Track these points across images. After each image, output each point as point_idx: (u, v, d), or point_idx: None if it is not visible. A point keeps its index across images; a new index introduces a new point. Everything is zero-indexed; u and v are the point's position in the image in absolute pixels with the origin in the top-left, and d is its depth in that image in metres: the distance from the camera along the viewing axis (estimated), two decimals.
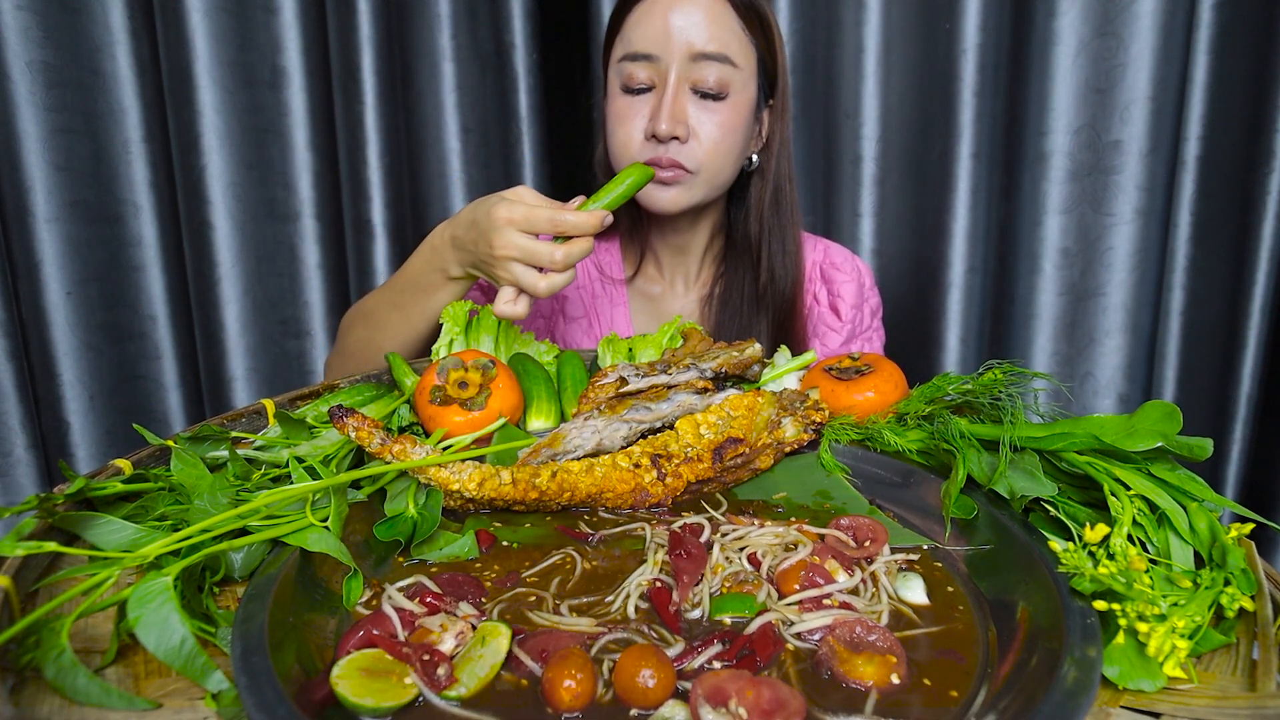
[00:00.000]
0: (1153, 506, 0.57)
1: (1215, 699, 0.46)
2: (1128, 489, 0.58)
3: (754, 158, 1.16)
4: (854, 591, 0.57)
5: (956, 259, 1.58)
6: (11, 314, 1.50)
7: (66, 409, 1.62)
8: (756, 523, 0.65)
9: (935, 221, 1.58)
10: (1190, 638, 0.49)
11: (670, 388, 0.82)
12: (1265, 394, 1.61)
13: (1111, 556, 0.53)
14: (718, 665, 0.49)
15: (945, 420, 0.70)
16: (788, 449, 0.76)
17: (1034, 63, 1.52)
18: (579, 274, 1.25)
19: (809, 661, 0.50)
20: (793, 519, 0.67)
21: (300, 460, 0.66)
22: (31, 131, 1.49)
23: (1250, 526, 0.55)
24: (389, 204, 1.59)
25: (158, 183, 1.65)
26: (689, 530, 0.63)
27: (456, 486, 0.65)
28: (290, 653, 0.48)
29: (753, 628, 0.52)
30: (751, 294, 1.19)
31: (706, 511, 0.68)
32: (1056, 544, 0.55)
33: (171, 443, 0.70)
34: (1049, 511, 0.62)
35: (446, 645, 0.50)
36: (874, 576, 0.58)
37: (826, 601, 0.55)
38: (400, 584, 0.57)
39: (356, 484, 0.67)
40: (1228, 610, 0.51)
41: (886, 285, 1.66)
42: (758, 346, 0.90)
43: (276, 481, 0.67)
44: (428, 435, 0.80)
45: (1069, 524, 0.59)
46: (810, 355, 0.89)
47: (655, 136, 1.04)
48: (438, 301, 1.00)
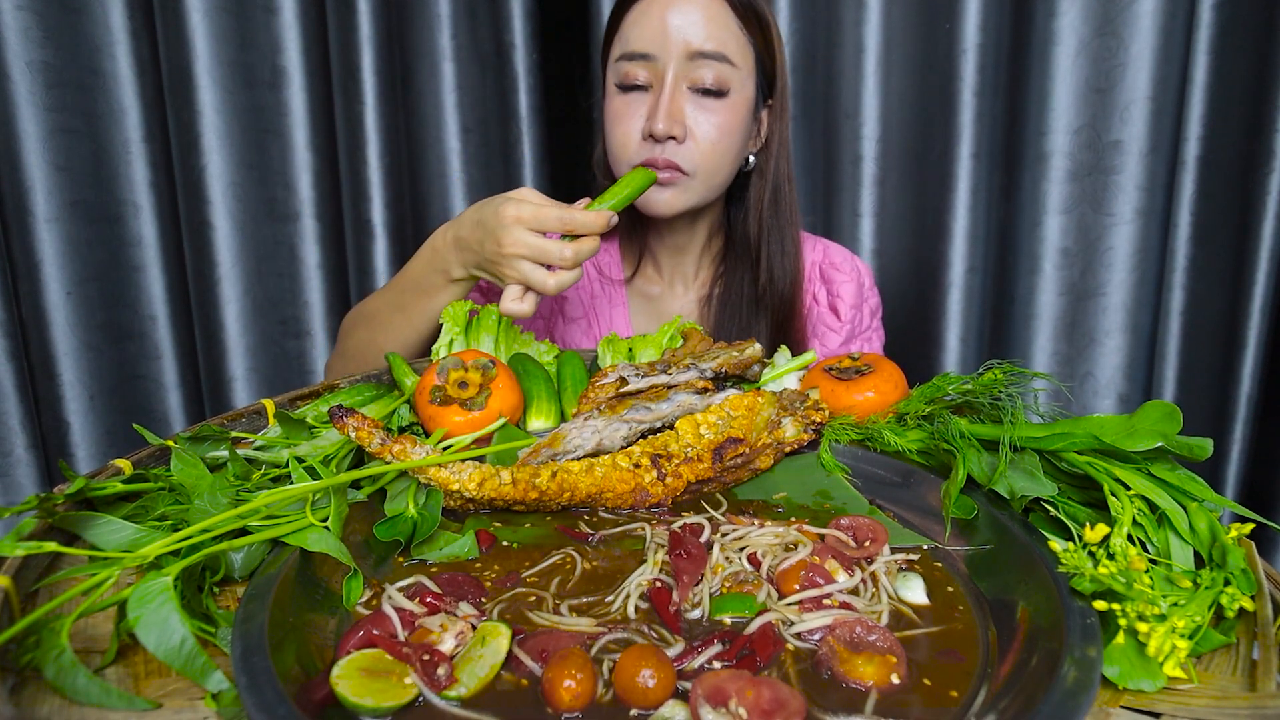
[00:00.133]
0: (1153, 506, 0.57)
1: (1215, 699, 0.46)
2: (1128, 489, 0.58)
3: (752, 158, 1.16)
4: (854, 591, 0.57)
5: (956, 259, 1.58)
6: (11, 314, 1.50)
7: (66, 409, 1.62)
8: (756, 523, 0.65)
9: (935, 221, 1.58)
10: (1190, 638, 0.49)
11: (670, 388, 0.82)
12: (1265, 394, 1.61)
13: (1111, 556, 0.53)
14: (718, 665, 0.49)
15: (945, 420, 0.70)
16: (788, 449, 0.76)
17: (1034, 63, 1.52)
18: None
19: (809, 661, 0.50)
20: (793, 519, 0.67)
21: (300, 460, 0.66)
22: (31, 131, 1.49)
23: (1250, 526, 0.55)
24: (389, 204, 1.59)
25: (158, 183, 1.65)
26: (689, 530, 0.63)
27: (456, 486, 0.65)
28: (290, 653, 0.48)
29: (753, 628, 0.52)
30: (750, 294, 1.18)
31: (706, 511, 0.68)
32: (1056, 544, 0.55)
33: (171, 443, 0.71)
34: (1049, 511, 0.62)
35: (446, 645, 0.50)
36: (874, 576, 0.58)
37: (826, 601, 0.55)
38: (400, 584, 0.57)
39: (356, 484, 0.67)
40: (1228, 610, 0.51)
41: (886, 285, 1.66)
42: (758, 346, 0.90)
43: (276, 481, 0.67)
44: (428, 435, 0.80)
45: (1069, 524, 0.59)
46: (810, 355, 0.89)
47: (652, 136, 1.04)
48: (439, 303, 1.00)
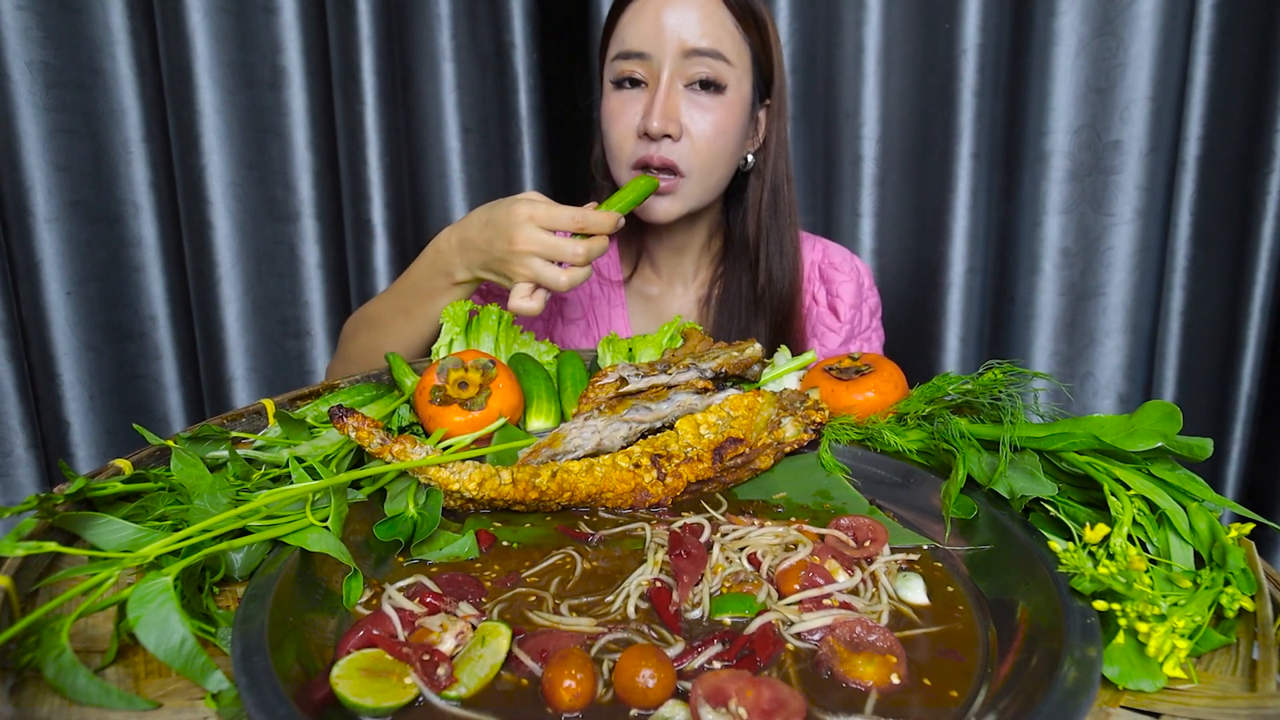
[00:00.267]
0: (1153, 506, 0.57)
1: (1215, 699, 0.46)
2: (1128, 489, 0.58)
3: (750, 157, 1.15)
4: (854, 591, 0.57)
5: (956, 259, 1.58)
6: (11, 314, 1.50)
7: (66, 409, 1.62)
8: (756, 523, 0.65)
9: (935, 221, 1.58)
10: (1190, 638, 0.49)
11: (670, 388, 0.82)
12: (1265, 394, 1.61)
13: (1111, 556, 0.53)
14: (718, 665, 0.49)
15: (945, 420, 0.70)
16: (788, 449, 0.76)
17: (1034, 63, 1.52)
18: None
19: (809, 661, 0.50)
20: (793, 519, 0.67)
21: (300, 460, 0.66)
22: (31, 131, 1.49)
23: (1250, 526, 0.55)
24: (389, 204, 1.59)
25: (158, 183, 1.65)
26: (689, 530, 0.63)
27: (456, 486, 0.65)
28: (290, 653, 0.48)
29: (753, 628, 0.52)
30: (749, 295, 1.18)
31: (706, 511, 0.68)
32: (1056, 544, 0.55)
33: (171, 443, 0.71)
34: (1049, 511, 0.62)
35: (446, 645, 0.50)
36: (874, 576, 0.58)
37: (826, 601, 0.55)
38: (400, 584, 0.57)
39: (356, 484, 0.67)
40: (1228, 610, 0.51)
41: (886, 285, 1.66)
42: (758, 346, 0.90)
43: (276, 481, 0.67)
44: (428, 435, 0.80)
45: (1069, 524, 0.59)
46: (810, 355, 0.89)
47: (647, 134, 1.04)
48: (441, 305, 1.00)
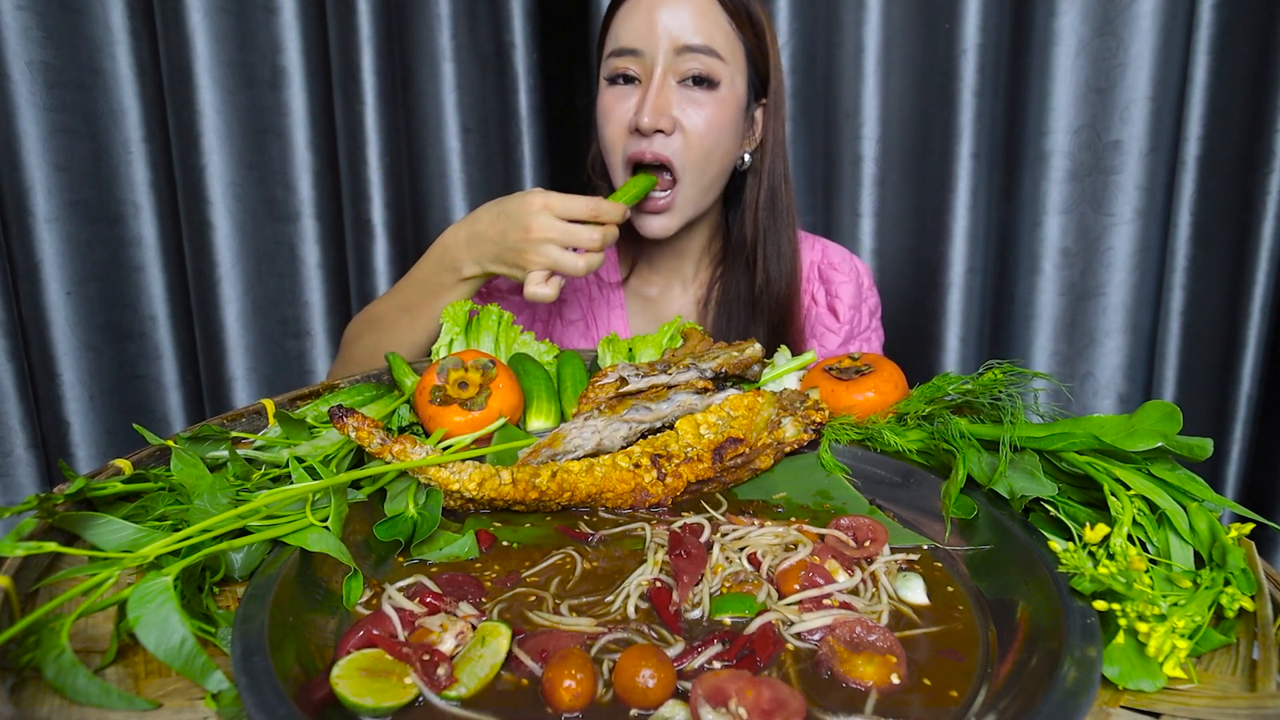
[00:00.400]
0: (1153, 506, 0.57)
1: (1215, 699, 0.46)
2: (1128, 489, 0.58)
3: (747, 157, 1.15)
4: (854, 591, 0.57)
5: (956, 259, 1.58)
6: (11, 314, 1.50)
7: (66, 409, 1.62)
8: (756, 523, 0.65)
9: (935, 221, 1.58)
10: (1190, 638, 0.49)
11: (670, 388, 0.82)
12: (1265, 394, 1.61)
13: (1111, 556, 0.53)
14: (718, 665, 0.49)
15: (945, 420, 0.70)
16: (788, 449, 0.76)
17: (1034, 63, 1.52)
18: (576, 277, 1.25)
19: (809, 661, 0.50)
20: (793, 519, 0.67)
21: (300, 460, 0.66)
22: (31, 131, 1.49)
23: (1250, 526, 0.55)
24: (389, 204, 1.59)
25: (158, 183, 1.65)
26: (689, 530, 0.63)
27: (456, 486, 0.65)
28: (290, 653, 0.48)
29: (753, 628, 0.52)
30: (748, 296, 1.18)
31: (706, 511, 0.68)
32: (1056, 544, 0.55)
33: (171, 443, 0.71)
34: (1049, 511, 0.62)
35: (446, 645, 0.50)
36: (874, 576, 0.58)
37: (826, 601, 0.55)
38: (400, 584, 0.57)
39: (356, 484, 0.67)
40: (1228, 610, 0.51)
41: (886, 285, 1.66)
42: (758, 346, 0.90)
43: (276, 481, 0.67)
44: (428, 435, 0.80)
45: (1069, 524, 0.59)
46: (810, 355, 0.89)
47: (639, 130, 1.04)
48: (447, 302, 1.01)
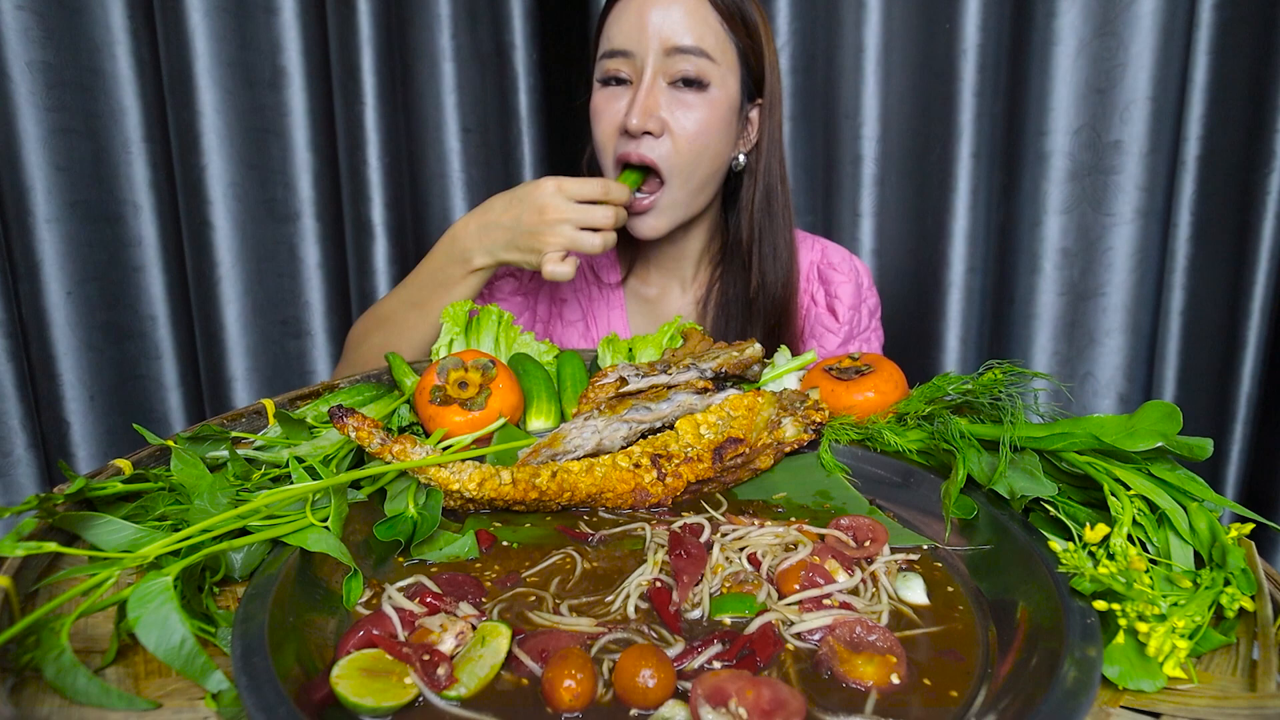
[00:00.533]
0: (1153, 506, 0.57)
1: (1215, 699, 0.46)
2: (1128, 489, 0.58)
3: (743, 158, 1.15)
4: (854, 591, 0.57)
5: (956, 259, 1.58)
6: (11, 314, 1.49)
7: (66, 409, 1.62)
8: (756, 523, 0.65)
9: (935, 221, 1.58)
10: (1190, 638, 0.49)
11: (670, 388, 0.82)
12: (1265, 394, 1.61)
13: (1111, 556, 0.53)
14: (718, 665, 0.49)
15: (945, 420, 0.70)
16: (788, 449, 0.76)
17: (1034, 63, 1.52)
18: (575, 277, 1.25)
19: (809, 661, 0.50)
20: (793, 519, 0.67)
21: (300, 460, 0.66)
22: (31, 131, 1.49)
23: (1250, 526, 0.55)
24: (389, 204, 1.59)
25: (158, 183, 1.65)
26: (689, 530, 0.63)
27: (456, 486, 0.65)
28: (290, 653, 0.48)
29: (753, 628, 0.52)
30: (745, 297, 1.18)
31: (706, 511, 0.68)
32: (1056, 544, 0.55)
33: (171, 443, 0.71)
34: (1049, 511, 0.62)
35: (446, 645, 0.50)
36: (874, 576, 0.58)
37: (826, 601, 0.55)
38: (400, 584, 0.57)
39: (356, 484, 0.67)
40: (1228, 610, 0.51)
41: (886, 285, 1.66)
42: (758, 346, 0.90)
43: (276, 481, 0.67)
44: (428, 435, 0.80)
45: (1069, 524, 0.59)
46: (810, 355, 0.89)
47: (627, 131, 1.04)
48: (456, 296, 1.03)
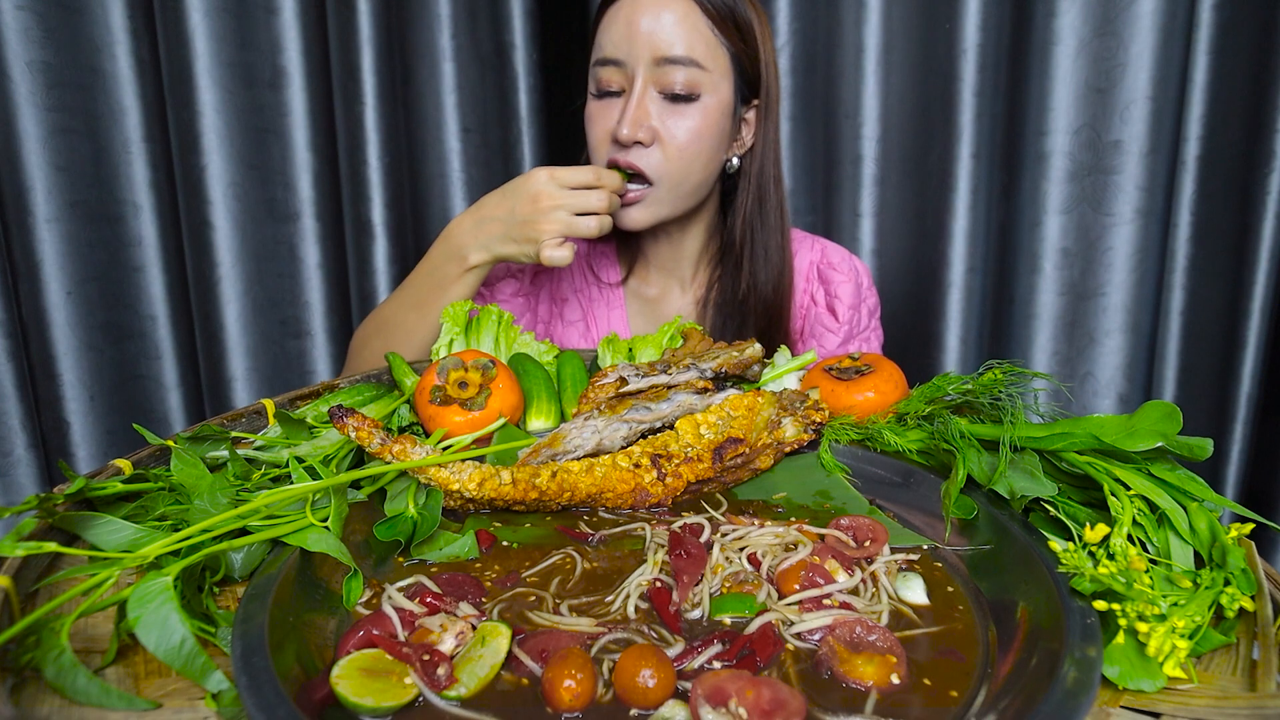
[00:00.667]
0: (1153, 506, 0.57)
1: (1215, 699, 0.46)
2: (1128, 489, 0.58)
3: (737, 159, 1.15)
4: (854, 591, 0.57)
5: (956, 259, 1.58)
6: (11, 314, 1.49)
7: (66, 409, 1.62)
8: (756, 523, 0.65)
9: (935, 221, 1.58)
10: (1190, 638, 0.49)
11: (670, 388, 0.82)
12: (1265, 394, 1.61)
13: (1111, 556, 0.53)
14: (718, 665, 0.49)
15: (945, 420, 0.70)
16: (788, 449, 0.76)
17: (1034, 63, 1.52)
18: (575, 278, 1.25)
19: (809, 661, 0.50)
20: (793, 519, 0.67)
21: (300, 460, 0.66)
22: (31, 131, 1.49)
23: (1250, 526, 0.55)
24: (389, 204, 1.59)
25: (158, 183, 1.65)
26: (689, 530, 0.63)
27: (456, 486, 0.65)
28: (290, 653, 0.48)
29: (753, 628, 0.52)
30: (738, 298, 1.18)
31: (706, 511, 0.68)
32: (1056, 544, 0.55)
33: (171, 443, 0.70)
34: (1049, 511, 0.62)
35: (446, 645, 0.50)
36: (874, 576, 0.58)
37: (826, 601, 0.55)
38: (400, 584, 0.57)
39: (356, 484, 0.67)
40: (1228, 610, 0.51)
41: (886, 285, 1.66)
42: (758, 346, 0.90)
43: (276, 481, 0.67)
44: (428, 435, 0.80)
45: (1069, 524, 0.59)
46: (810, 355, 0.89)
47: (618, 141, 1.05)
48: (454, 296, 1.04)
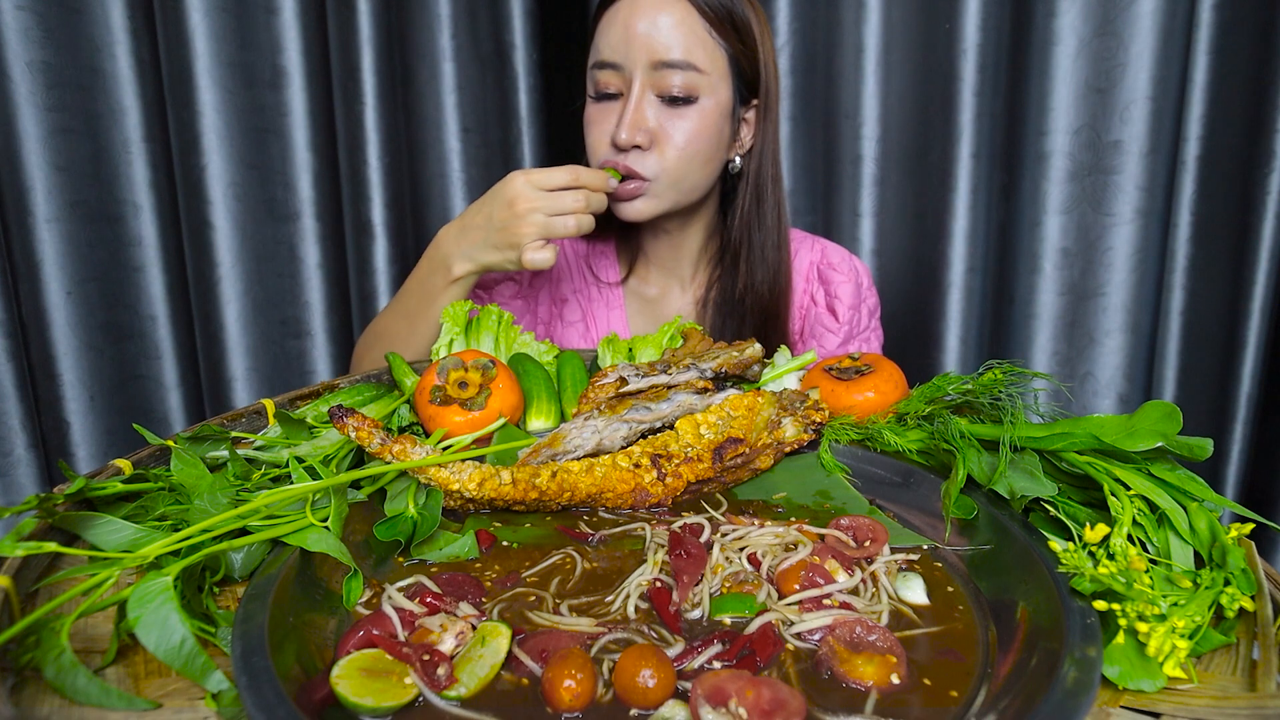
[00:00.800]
0: (1153, 506, 0.57)
1: (1215, 699, 0.46)
2: (1128, 489, 0.58)
3: (738, 159, 1.15)
4: (854, 591, 0.57)
5: (956, 259, 1.58)
6: (11, 314, 1.49)
7: (66, 409, 1.62)
8: (756, 523, 0.65)
9: (935, 221, 1.58)
10: (1190, 638, 0.49)
11: (670, 388, 0.82)
12: (1265, 394, 1.61)
13: (1111, 556, 0.53)
14: (718, 665, 0.49)
15: (945, 420, 0.70)
16: (788, 449, 0.76)
17: (1034, 63, 1.52)
18: (575, 278, 1.25)
19: (809, 661, 0.50)
20: (793, 519, 0.67)
21: (300, 460, 0.66)
22: (31, 131, 1.49)
23: (1250, 526, 0.55)
24: (389, 204, 1.59)
25: (158, 183, 1.65)
26: (689, 530, 0.63)
27: (456, 486, 0.65)
28: (290, 653, 0.48)
29: (753, 628, 0.52)
30: (736, 297, 1.18)
31: (706, 511, 0.68)
32: (1056, 544, 0.55)
33: (171, 443, 0.70)
34: (1049, 511, 0.62)
35: (446, 645, 0.50)
36: (874, 576, 0.58)
37: (826, 601, 0.55)
38: (400, 584, 0.57)
39: (356, 484, 0.67)
40: (1228, 610, 0.51)
41: (886, 285, 1.66)
42: (758, 346, 0.90)
43: (276, 481, 0.67)
44: (428, 435, 0.80)
45: (1069, 524, 0.59)
46: (810, 355, 0.89)
47: (616, 145, 1.05)
48: (441, 306, 1.02)
